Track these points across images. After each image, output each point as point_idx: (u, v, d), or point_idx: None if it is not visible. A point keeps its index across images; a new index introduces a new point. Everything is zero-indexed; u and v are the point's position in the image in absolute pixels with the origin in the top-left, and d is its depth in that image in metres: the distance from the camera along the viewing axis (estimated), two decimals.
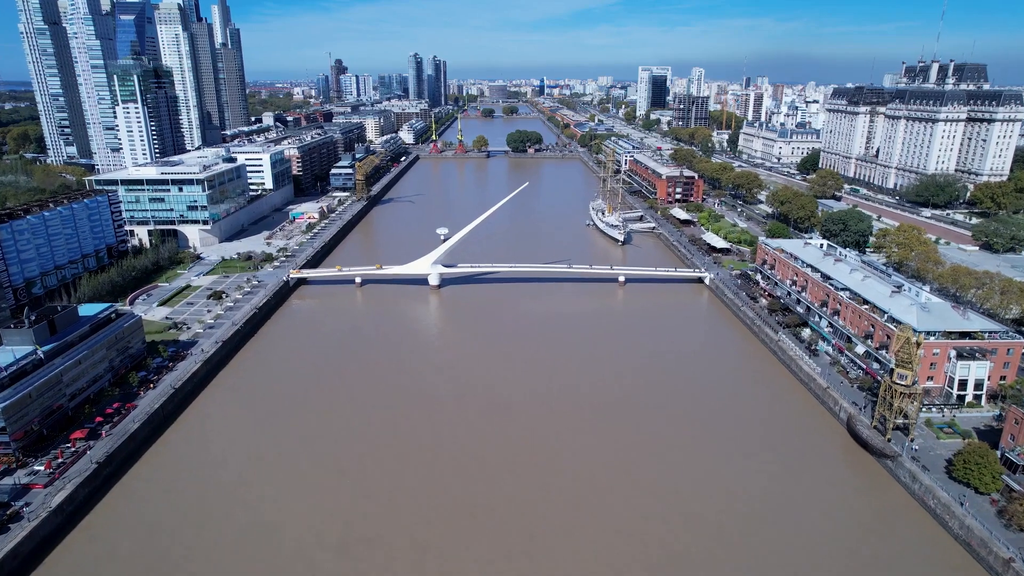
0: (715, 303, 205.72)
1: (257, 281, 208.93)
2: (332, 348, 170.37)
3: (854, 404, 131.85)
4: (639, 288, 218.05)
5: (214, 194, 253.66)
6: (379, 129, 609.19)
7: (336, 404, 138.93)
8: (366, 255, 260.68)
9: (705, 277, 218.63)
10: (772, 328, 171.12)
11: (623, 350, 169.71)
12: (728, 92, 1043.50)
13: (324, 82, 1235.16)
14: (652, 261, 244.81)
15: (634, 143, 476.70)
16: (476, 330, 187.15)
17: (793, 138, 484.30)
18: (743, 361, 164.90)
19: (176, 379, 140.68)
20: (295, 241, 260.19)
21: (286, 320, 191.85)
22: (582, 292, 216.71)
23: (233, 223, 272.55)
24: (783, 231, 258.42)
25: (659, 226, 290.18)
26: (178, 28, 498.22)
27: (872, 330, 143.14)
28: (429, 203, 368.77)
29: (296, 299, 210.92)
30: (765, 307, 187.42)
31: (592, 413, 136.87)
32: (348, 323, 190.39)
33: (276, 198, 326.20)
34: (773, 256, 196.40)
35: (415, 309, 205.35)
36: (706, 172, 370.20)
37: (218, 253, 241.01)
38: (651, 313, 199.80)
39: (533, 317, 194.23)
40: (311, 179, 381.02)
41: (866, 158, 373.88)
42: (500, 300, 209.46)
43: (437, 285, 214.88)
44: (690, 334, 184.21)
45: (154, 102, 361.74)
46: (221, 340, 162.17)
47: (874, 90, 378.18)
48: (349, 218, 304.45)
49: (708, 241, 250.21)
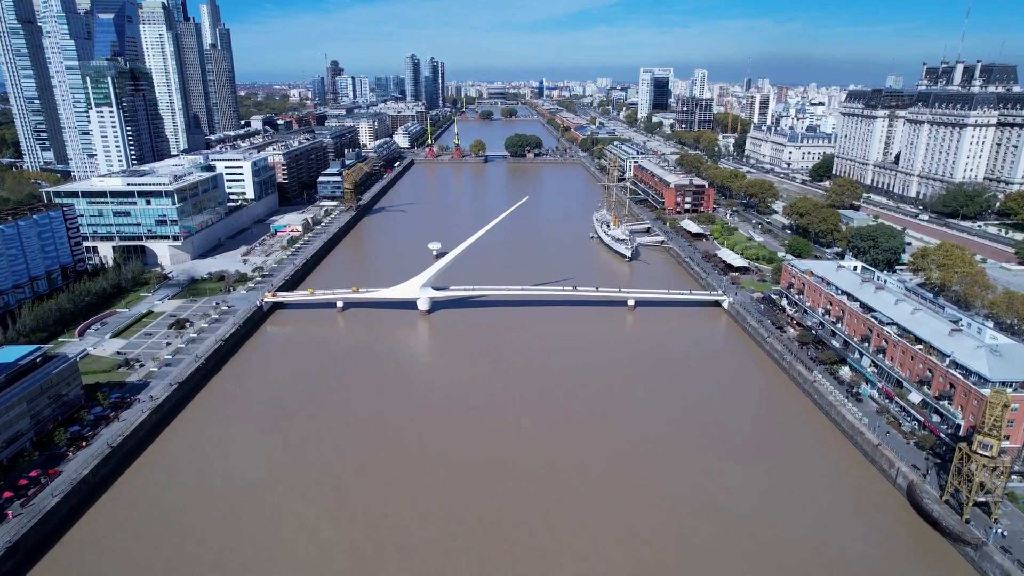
0: (735, 332, 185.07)
1: (227, 306, 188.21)
2: (307, 386, 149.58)
3: (914, 468, 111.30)
4: (650, 313, 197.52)
5: (186, 207, 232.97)
6: (373, 133, 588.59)
7: (310, 460, 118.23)
8: (351, 274, 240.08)
9: (723, 301, 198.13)
10: (805, 365, 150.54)
11: (633, 386, 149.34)
12: (730, 94, 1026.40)
13: (320, 84, 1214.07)
14: (663, 281, 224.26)
15: (638, 148, 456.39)
16: (471, 361, 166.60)
17: (803, 142, 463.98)
18: (772, 404, 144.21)
19: (116, 434, 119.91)
20: (274, 258, 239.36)
21: (257, 353, 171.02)
22: (587, 317, 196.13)
23: (208, 238, 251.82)
24: (804, 247, 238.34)
25: (668, 239, 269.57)
26: (162, 28, 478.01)
27: (929, 376, 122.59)
28: (422, 213, 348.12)
29: (271, 326, 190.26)
30: (794, 339, 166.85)
31: (599, 463, 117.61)
32: (327, 356, 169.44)
33: (258, 208, 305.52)
34: (801, 280, 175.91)
35: (403, 338, 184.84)
36: (716, 180, 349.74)
37: (189, 272, 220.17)
38: (664, 343, 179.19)
39: (534, 346, 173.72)
40: (298, 187, 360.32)
41: (885, 165, 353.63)
42: (497, 327, 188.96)
43: (427, 310, 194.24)
44: (709, 368, 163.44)
45: (130, 105, 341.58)
46: (177, 381, 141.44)
47: (893, 92, 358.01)
48: (336, 231, 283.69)
49: (724, 258, 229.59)
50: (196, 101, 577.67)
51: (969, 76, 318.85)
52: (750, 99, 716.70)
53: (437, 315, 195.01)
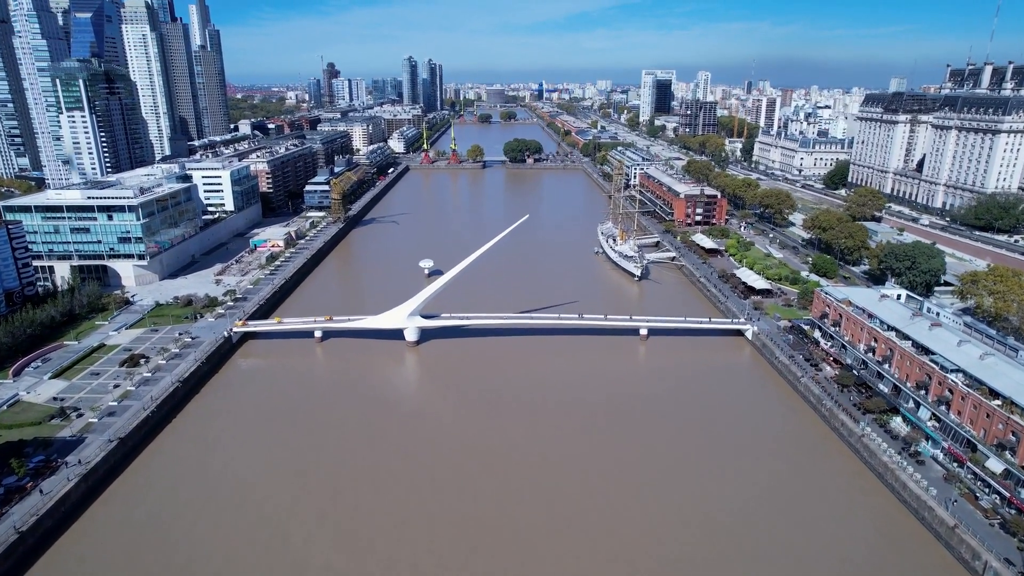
0: (761, 367, 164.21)
1: (191, 338, 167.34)
2: (278, 432, 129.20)
3: (1007, 563, 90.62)
4: (665, 343, 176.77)
5: (153, 222, 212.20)
6: (367, 137, 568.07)
7: (282, 530, 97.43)
8: (334, 296, 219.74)
9: (747, 330, 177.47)
10: (849, 414, 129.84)
11: (647, 432, 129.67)
12: (733, 97, 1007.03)
13: (315, 86, 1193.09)
14: (677, 305, 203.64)
15: (644, 154, 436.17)
16: (464, 399, 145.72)
17: (816, 148, 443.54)
18: (812, 461, 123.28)
19: (29, 513, 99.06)
20: (251, 277, 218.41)
21: (221, 393, 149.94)
22: (595, 348, 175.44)
23: (180, 255, 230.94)
24: (830, 266, 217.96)
25: (680, 256, 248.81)
26: (145, 28, 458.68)
27: (1014, 440, 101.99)
28: (415, 225, 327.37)
29: (242, 358, 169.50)
30: (832, 379, 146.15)
31: (608, 523, 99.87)
32: (301, 395, 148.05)
33: (239, 221, 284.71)
34: (838, 310, 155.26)
35: (389, 372, 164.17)
36: (727, 189, 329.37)
37: (155, 295, 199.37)
38: (682, 379, 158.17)
39: (534, 382, 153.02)
40: (284, 197, 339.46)
41: (907, 173, 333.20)
42: (493, 360, 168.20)
43: (415, 341, 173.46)
44: (734, 412, 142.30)
45: (105, 110, 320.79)
46: (118, 437, 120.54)
47: (915, 96, 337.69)
48: (321, 245, 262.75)
49: (743, 279, 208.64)
50: (184, 104, 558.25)
51: (999, 78, 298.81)
52: (756, 102, 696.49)
53: (427, 346, 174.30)
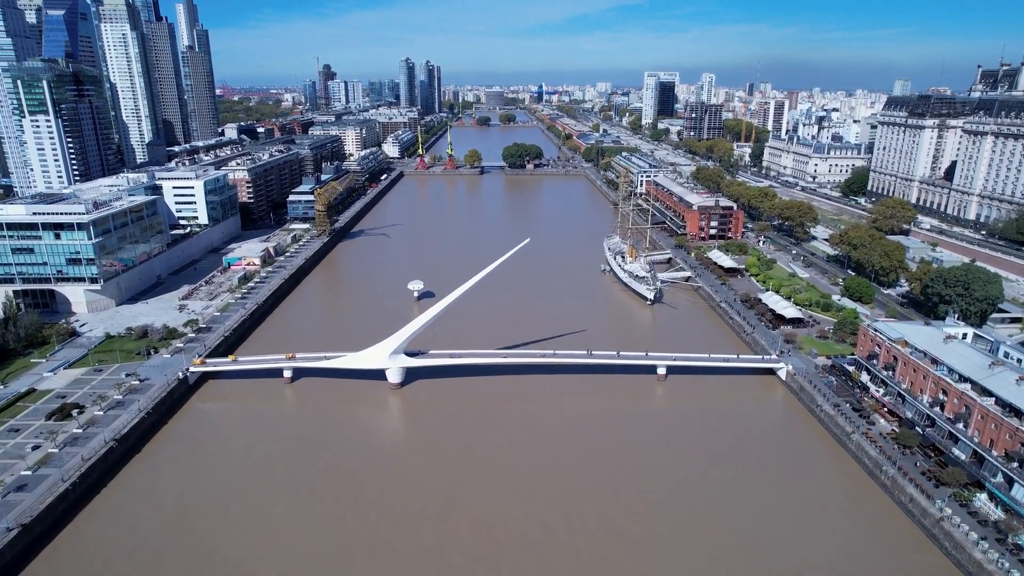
0: (799, 415, 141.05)
1: (139, 380, 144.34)
2: (235, 501, 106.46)
3: None
4: (686, 385, 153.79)
5: (108, 241, 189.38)
6: (361, 141, 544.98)
7: None
8: (312, 324, 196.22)
9: (780, 369, 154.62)
10: (921, 488, 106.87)
11: (669, 496, 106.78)
12: (735, 99, 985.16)
13: (311, 88, 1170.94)
14: (696, 336, 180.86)
15: (650, 160, 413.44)
16: (455, 455, 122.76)
17: (830, 154, 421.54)
18: (873, 543, 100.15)
19: None
20: (219, 302, 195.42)
21: (167, 452, 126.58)
22: (606, 390, 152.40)
23: (142, 276, 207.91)
24: (865, 290, 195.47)
25: (696, 275, 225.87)
26: (125, 27, 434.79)
27: None
28: (407, 237, 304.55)
29: (199, 402, 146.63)
30: (889, 436, 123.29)
31: None
32: (264, 451, 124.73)
33: (214, 235, 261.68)
34: (891, 351, 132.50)
35: (368, 421, 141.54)
36: (741, 198, 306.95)
37: (107, 325, 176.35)
38: (707, 430, 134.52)
39: (536, 434, 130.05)
40: (266, 208, 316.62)
41: (934, 181, 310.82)
42: (488, 405, 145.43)
43: (399, 383, 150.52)
44: (770, 471, 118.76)
45: (72, 114, 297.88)
46: (20, 523, 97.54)
47: (944, 99, 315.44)
48: (301, 263, 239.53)
49: (770, 305, 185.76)
50: (170, 107, 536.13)
51: None
52: (763, 105, 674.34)
53: (412, 389, 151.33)
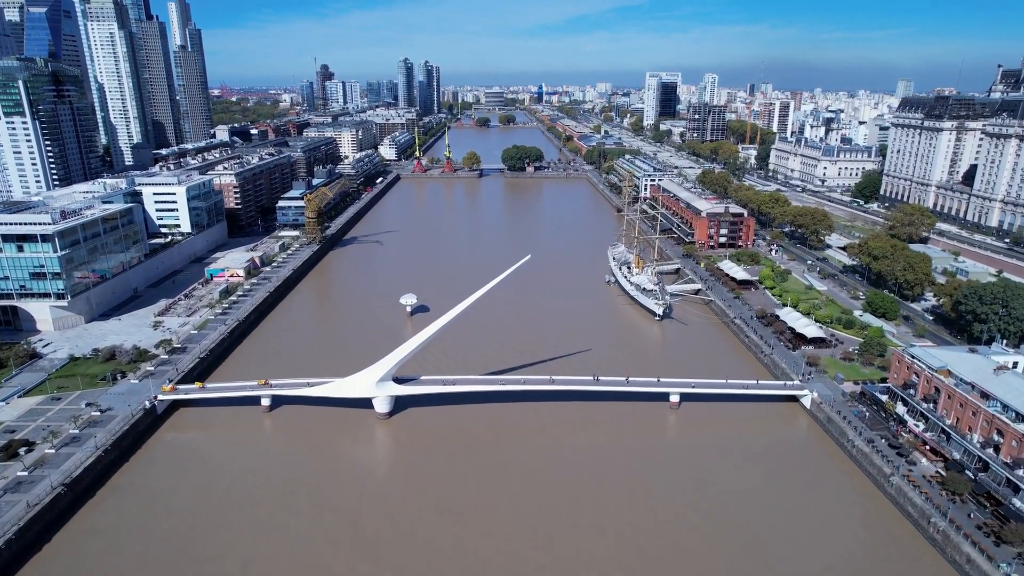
0: (828, 450, 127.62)
1: (100, 410, 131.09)
2: (206, 547, 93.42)
3: None
4: (701, 413, 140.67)
5: (76, 253, 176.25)
6: (357, 143, 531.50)
7: None
8: (297, 343, 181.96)
9: (804, 396, 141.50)
10: (978, 546, 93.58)
11: (683, 538, 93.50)
12: (737, 100, 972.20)
13: (309, 89, 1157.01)
14: (710, 357, 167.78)
15: (654, 164, 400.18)
16: (448, 494, 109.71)
17: (840, 156, 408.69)
18: None
19: None
20: (197, 319, 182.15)
21: (127, 496, 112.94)
22: (614, 419, 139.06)
23: (115, 290, 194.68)
24: (890, 306, 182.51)
25: (707, 287, 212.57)
26: (113, 26, 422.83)
27: None
28: (402, 244, 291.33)
29: (168, 433, 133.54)
30: (934, 479, 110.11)
31: None
32: (239, 489, 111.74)
33: (197, 244, 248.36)
34: (932, 381, 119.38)
35: (354, 456, 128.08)
36: (751, 204, 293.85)
37: (73, 345, 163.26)
38: (725, 466, 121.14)
39: (537, 470, 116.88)
40: (255, 214, 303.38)
41: (952, 186, 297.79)
42: (484, 437, 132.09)
43: (387, 412, 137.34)
44: (798, 516, 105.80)
45: (51, 115, 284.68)
46: None
47: (962, 100, 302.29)
48: (289, 274, 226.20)
49: (788, 323, 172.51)
50: (161, 108, 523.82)
51: None
52: (768, 106, 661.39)
53: (402, 419, 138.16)
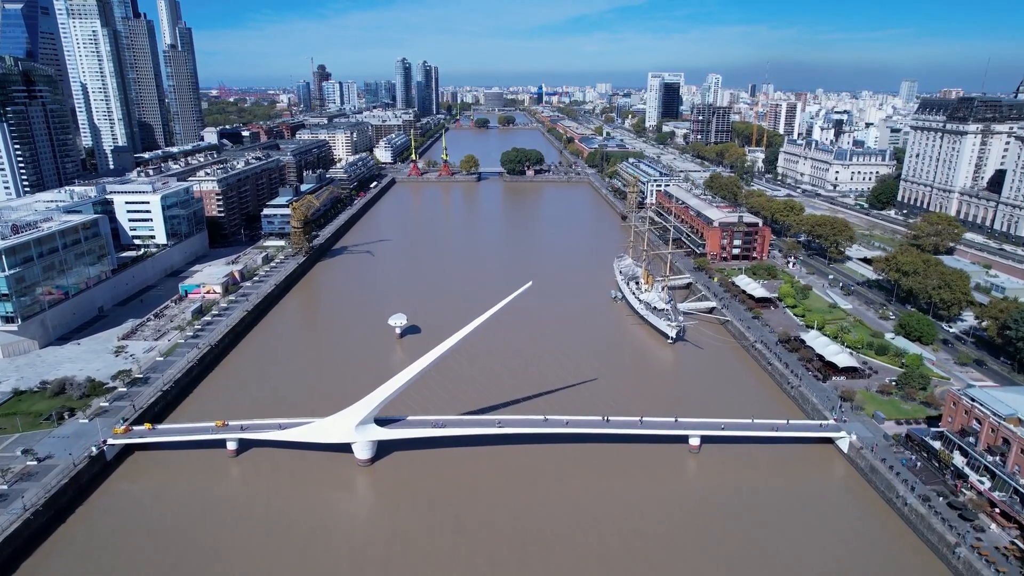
0: (871, 506, 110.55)
1: (38, 459, 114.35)
2: None
3: None
4: (724, 457, 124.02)
5: (29, 271, 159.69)
6: (351, 146, 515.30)
7: None
8: (273, 373, 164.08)
9: (841, 438, 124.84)
10: None
11: None
12: (740, 101, 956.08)
13: (305, 89, 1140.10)
14: (731, 388, 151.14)
15: (660, 168, 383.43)
16: (439, 548, 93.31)
17: (853, 160, 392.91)
18: None
19: None
20: (164, 344, 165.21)
21: (62, 558, 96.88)
22: (627, 465, 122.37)
23: (77, 310, 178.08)
24: (926, 328, 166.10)
25: (723, 306, 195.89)
26: (96, 24, 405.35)
27: None
28: (393, 256, 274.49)
29: (119, 483, 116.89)
30: (1010, 552, 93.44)
31: None
32: (199, 549, 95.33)
33: (174, 256, 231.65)
34: (1000, 430, 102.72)
35: (330, 508, 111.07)
36: (764, 212, 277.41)
37: (20, 376, 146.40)
38: (753, 524, 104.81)
39: (538, 525, 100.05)
40: (240, 222, 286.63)
41: (978, 193, 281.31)
42: (478, 487, 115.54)
43: (368, 458, 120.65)
44: None
45: (21, 117, 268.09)
46: None
47: (988, 102, 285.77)
48: (271, 289, 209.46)
49: (817, 350, 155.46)
50: (149, 110, 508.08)
51: None
52: (775, 108, 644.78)
53: (385, 465, 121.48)
